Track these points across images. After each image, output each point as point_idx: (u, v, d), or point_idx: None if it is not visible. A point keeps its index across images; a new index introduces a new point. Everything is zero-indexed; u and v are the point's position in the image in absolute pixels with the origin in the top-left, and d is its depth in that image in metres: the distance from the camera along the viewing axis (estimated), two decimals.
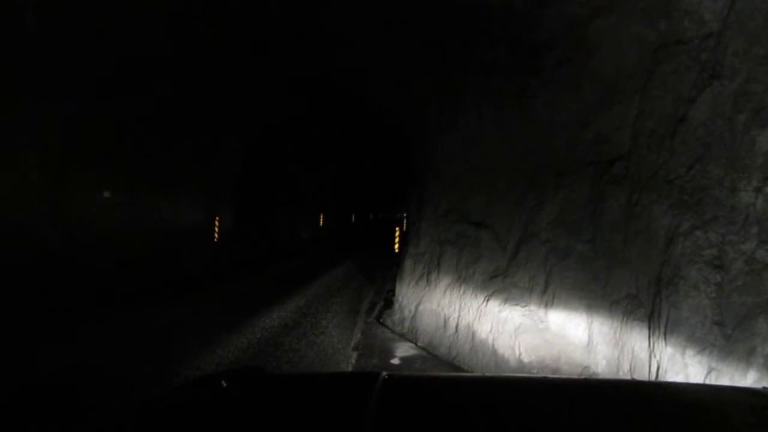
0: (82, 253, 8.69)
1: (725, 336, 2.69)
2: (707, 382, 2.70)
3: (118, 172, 10.24)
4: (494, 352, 5.47)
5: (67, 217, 8.77)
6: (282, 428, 1.28)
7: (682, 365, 2.92)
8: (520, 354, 5.07)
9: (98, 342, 6.20)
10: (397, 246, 13.56)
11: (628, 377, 3.57)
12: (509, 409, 1.38)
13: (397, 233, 14.12)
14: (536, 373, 4.65)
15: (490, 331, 5.58)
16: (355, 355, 6.30)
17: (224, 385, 1.72)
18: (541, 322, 4.94)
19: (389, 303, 8.92)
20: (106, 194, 10.12)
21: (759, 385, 2.38)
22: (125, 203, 10.50)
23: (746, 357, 2.53)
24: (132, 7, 8.21)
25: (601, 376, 3.95)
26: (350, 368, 5.77)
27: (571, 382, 2.20)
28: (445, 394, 1.56)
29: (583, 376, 4.01)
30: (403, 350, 6.55)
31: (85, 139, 9.00)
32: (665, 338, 3.12)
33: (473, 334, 5.88)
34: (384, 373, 1.54)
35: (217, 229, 14.73)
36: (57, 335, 6.35)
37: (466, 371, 5.74)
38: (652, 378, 3.21)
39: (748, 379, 2.50)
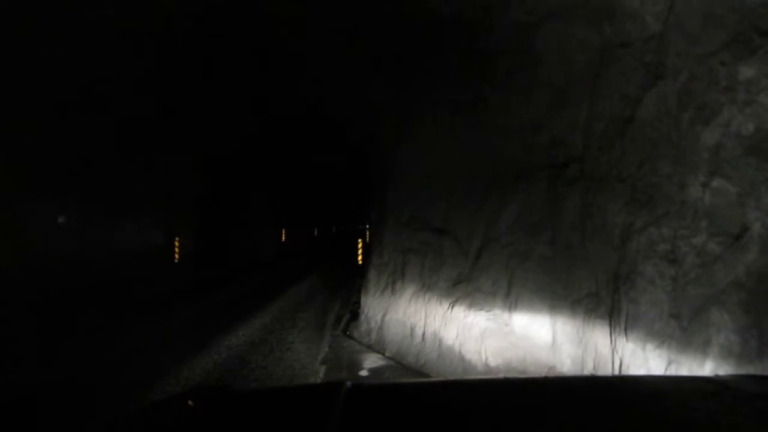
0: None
1: (682, 328, 2.75)
2: (667, 374, 2.75)
3: (68, 194, 9.91)
4: (461, 358, 5.48)
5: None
6: None
7: (644, 359, 2.98)
8: (486, 358, 5.10)
9: None
10: (360, 257, 13.51)
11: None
12: (473, 411, 1.38)
13: (360, 244, 14.10)
14: (501, 375, 4.67)
15: (456, 337, 5.59)
16: (323, 369, 6.21)
17: (190, 404, 1.68)
18: (506, 325, 4.98)
19: (355, 315, 8.86)
20: (61, 219, 9.79)
21: (715, 374, 2.45)
22: (72, 227, 10.16)
23: (703, 347, 2.60)
24: (89, 28, 8.00)
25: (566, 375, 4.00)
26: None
27: (534, 381, 2.22)
28: (410, 400, 1.56)
29: (545, 375, 4.05)
30: (371, 361, 6.50)
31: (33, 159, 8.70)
32: (626, 334, 3.18)
33: (440, 341, 5.89)
34: (348, 383, 1.53)
35: (177, 250, 14.44)
36: None
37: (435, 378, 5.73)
38: (616, 374, 3.25)
39: (705, 368, 2.56)
